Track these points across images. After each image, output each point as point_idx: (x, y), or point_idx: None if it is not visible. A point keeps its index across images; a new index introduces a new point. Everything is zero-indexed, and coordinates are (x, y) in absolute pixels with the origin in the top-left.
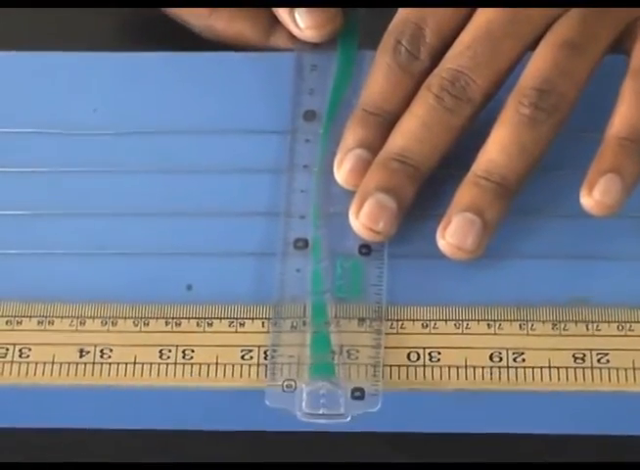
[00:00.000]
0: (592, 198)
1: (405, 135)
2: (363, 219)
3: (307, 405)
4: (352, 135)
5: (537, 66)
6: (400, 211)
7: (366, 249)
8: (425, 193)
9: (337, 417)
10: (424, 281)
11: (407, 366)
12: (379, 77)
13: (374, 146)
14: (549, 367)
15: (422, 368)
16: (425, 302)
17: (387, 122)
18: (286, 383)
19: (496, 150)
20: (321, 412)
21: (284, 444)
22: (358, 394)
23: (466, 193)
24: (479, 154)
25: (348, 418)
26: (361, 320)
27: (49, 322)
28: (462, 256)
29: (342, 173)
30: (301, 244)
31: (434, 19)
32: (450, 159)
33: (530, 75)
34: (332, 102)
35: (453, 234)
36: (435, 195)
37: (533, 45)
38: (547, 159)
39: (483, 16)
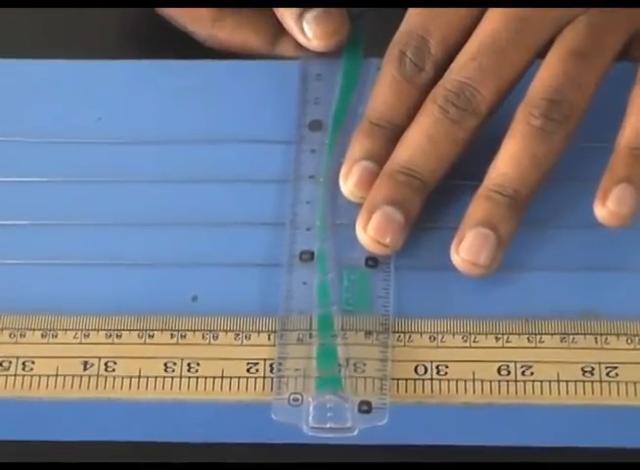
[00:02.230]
0: (606, 208)
1: (411, 148)
2: (371, 233)
3: (314, 419)
4: (358, 147)
5: (546, 76)
6: (407, 223)
7: (373, 261)
8: (431, 205)
9: (344, 431)
10: (431, 294)
11: (414, 380)
12: (384, 89)
13: (380, 158)
14: (557, 381)
15: (429, 382)
16: (432, 314)
17: (392, 134)
18: (292, 396)
19: (508, 163)
20: (328, 426)
21: (290, 457)
22: (365, 407)
23: (479, 207)
24: (490, 167)
25: (355, 432)
26: (368, 333)
27: (53, 335)
28: (477, 271)
29: (348, 186)
30: (307, 256)
31: (439, 29)
32: (456, 170)
33: (540, 86)
34: (337, 111)
35: (467, 250)
36: (442, 207)
37: (539, 55)
38: (556, 170)
39: (489, 26)
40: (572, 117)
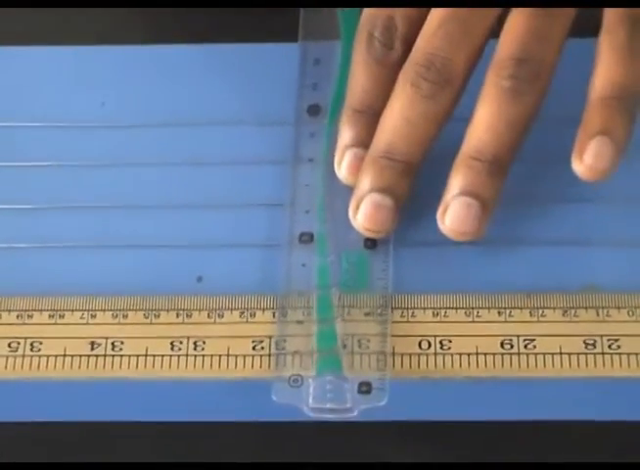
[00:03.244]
0: (584, 164)
1: (389, 132)
2: (361, 221)
3: (314, 400)
4: (345, 135)
5: (511, 34)
6: (397, 206)
7: (371, 242)
8: (429, 178)
9: (344, 412)
10: (433, 269)
11: (418, 354)
12: (358, 74)
13: (367, 142)
14: (560, 354)
15: (433, 356)
16: (434, 290)
17: (375, 118)
18: (292, 378)
19: (483, 128)
20: (328, 407)
21: (295, 435)
22: (365, 388)
23: (459, 175)
24: (466, 132)
25: (355, 413)
26: (367, 314)
27: (60, 315)
28: (465, 238)
29: (342, 173)
30: (307, 238)
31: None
32: (450, 142)
33: (506, 45)
34: (336, 96)
35: (452, 219)
36: (440, 179)
37: (504, 13)
38: (557, 147)
39: None
40: (542, 74)
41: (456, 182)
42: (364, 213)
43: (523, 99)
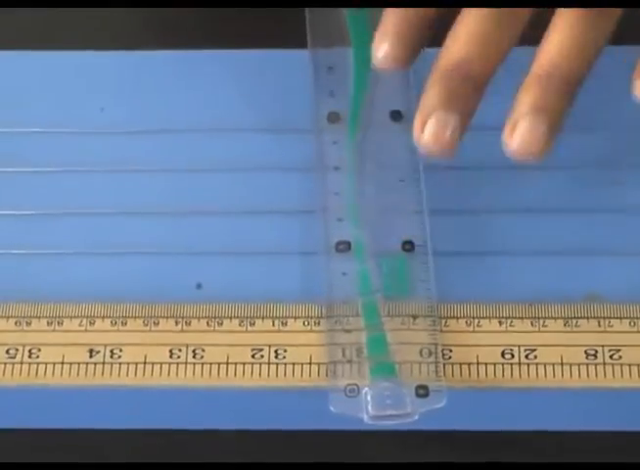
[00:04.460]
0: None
1: (463, 42)
2: (427, 140)
3: (374, 408)
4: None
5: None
6: (465, 125)
7: (409, 245)
8: (440, 186)
9: (404, 417)
10: (436, 278)
11: (419, 363)
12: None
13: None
14: (561, 364)
15: (434, 365)
16: (436, 299)
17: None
18: (348, 388)
19: (556, 50)
20: (388, 413)
21: (296, 440)
22: (422, 391)
23: (529, 93)
24: (536, 53)
25: (416, 417)
26: (414, 317)
27: (58, 322)
28: (530, 159)
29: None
30: (344, 247)
31: None
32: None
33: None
34: (354, 103)
35: (520, 139)
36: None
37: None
38: (559, 156)
39: None
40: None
41: (525, 99)
42: (431, 132)
43: (596, 26)
